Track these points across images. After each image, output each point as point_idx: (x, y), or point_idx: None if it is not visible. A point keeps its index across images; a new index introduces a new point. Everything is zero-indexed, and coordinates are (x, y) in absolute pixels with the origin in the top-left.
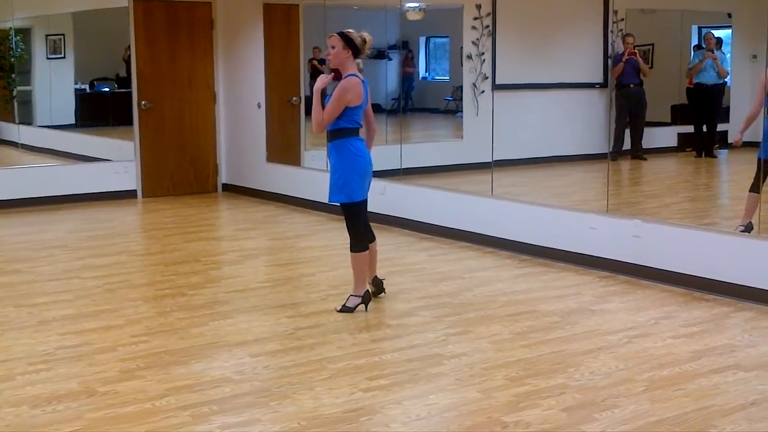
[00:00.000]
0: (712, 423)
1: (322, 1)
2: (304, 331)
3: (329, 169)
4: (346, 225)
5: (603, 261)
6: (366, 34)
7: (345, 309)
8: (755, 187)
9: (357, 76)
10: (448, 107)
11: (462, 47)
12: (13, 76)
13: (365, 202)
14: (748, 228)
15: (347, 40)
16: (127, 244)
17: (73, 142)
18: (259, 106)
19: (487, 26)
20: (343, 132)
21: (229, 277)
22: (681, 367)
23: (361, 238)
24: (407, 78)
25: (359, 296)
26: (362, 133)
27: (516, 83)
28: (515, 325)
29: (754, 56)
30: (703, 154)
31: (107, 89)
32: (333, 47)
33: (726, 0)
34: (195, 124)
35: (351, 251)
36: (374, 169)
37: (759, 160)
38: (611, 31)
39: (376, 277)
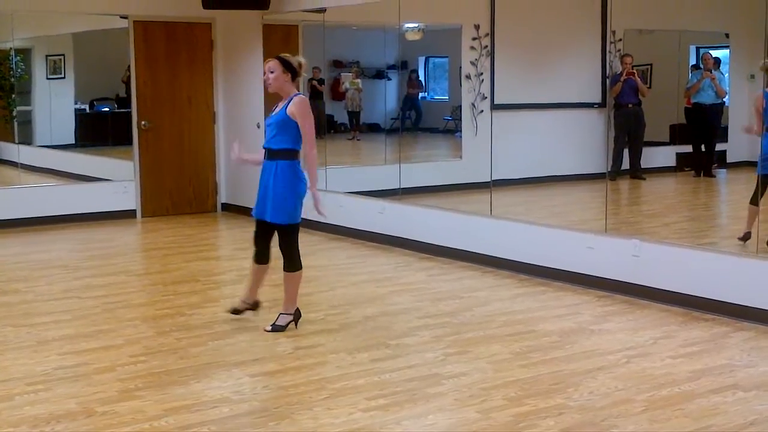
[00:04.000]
0: None
1: (322, 22)
2: (302, 351)
3: (265, 186)
4: (282, 245)
5: (602, 281)
6: (300, 58)
7: (276, 328)
8: (754, 200)
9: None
10: (447, 127)
11: (461, 67)
12: (13, 96)
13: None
14: (745, 237)
15: (286, 64)
16: (127, 263)
17: (73, 162)
18: (258, 126)
19: (486, 46)
20: (290, 153)
21: (228, 296)
22: (680, 387)
23: (298, 257)
24: (411, 98)
25: (290, 314)
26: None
27: (515, 103)
28: (514, 345)
29: (752, 76)
30: (702, 174)
31: (107, 109)
32: (272, 72)
33: (724, 20)
34: (194, 143)
35: (288, 271)
36: (373, 189)
37: (758, 175)
38: (609, 51)
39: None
